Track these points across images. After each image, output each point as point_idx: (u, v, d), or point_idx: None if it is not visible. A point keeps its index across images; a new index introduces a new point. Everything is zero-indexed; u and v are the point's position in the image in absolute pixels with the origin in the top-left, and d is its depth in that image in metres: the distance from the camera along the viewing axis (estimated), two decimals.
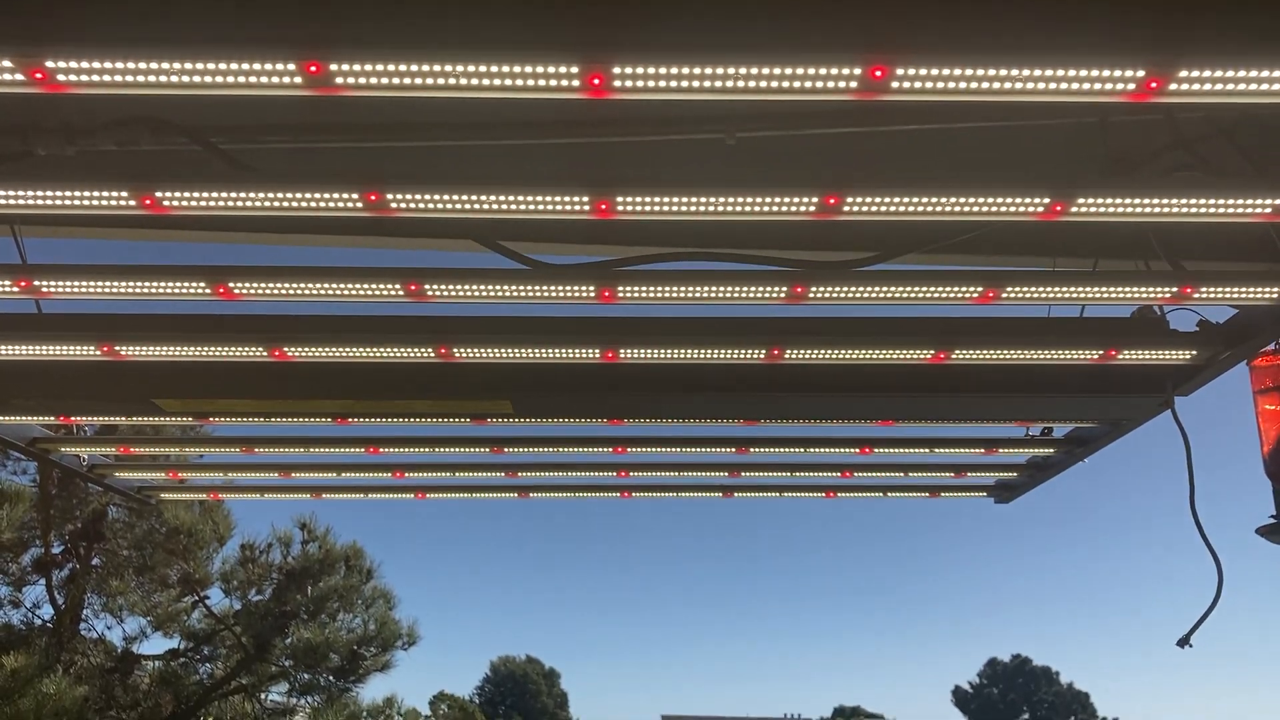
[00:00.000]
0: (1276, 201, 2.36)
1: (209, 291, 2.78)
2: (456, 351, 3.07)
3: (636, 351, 3.07)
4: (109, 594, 12.41)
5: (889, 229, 2.64)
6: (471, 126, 2.73)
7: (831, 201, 2.36)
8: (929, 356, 3.09)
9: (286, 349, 3.05)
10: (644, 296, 2.80)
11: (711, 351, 3.07)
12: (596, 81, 1.93)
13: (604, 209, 2.39)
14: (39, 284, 2.79)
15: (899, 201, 2.38)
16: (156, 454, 5.32)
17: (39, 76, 1.93)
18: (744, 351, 3.08)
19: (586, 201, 2.38)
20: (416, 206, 2.38)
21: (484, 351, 3.08)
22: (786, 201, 2.37)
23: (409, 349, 3.06)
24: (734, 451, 4.17)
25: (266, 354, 3.06)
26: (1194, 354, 3.12)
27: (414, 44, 1.88)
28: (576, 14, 1.89)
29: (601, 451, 4.19)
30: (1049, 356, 3.12)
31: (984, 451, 4.20)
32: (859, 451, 4.17)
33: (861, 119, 2.67)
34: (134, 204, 2.39)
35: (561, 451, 4.20)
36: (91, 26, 1.87)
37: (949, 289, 2.77)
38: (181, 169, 2.78)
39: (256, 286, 2.78)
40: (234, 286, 2.77)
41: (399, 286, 2.75)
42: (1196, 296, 2.80)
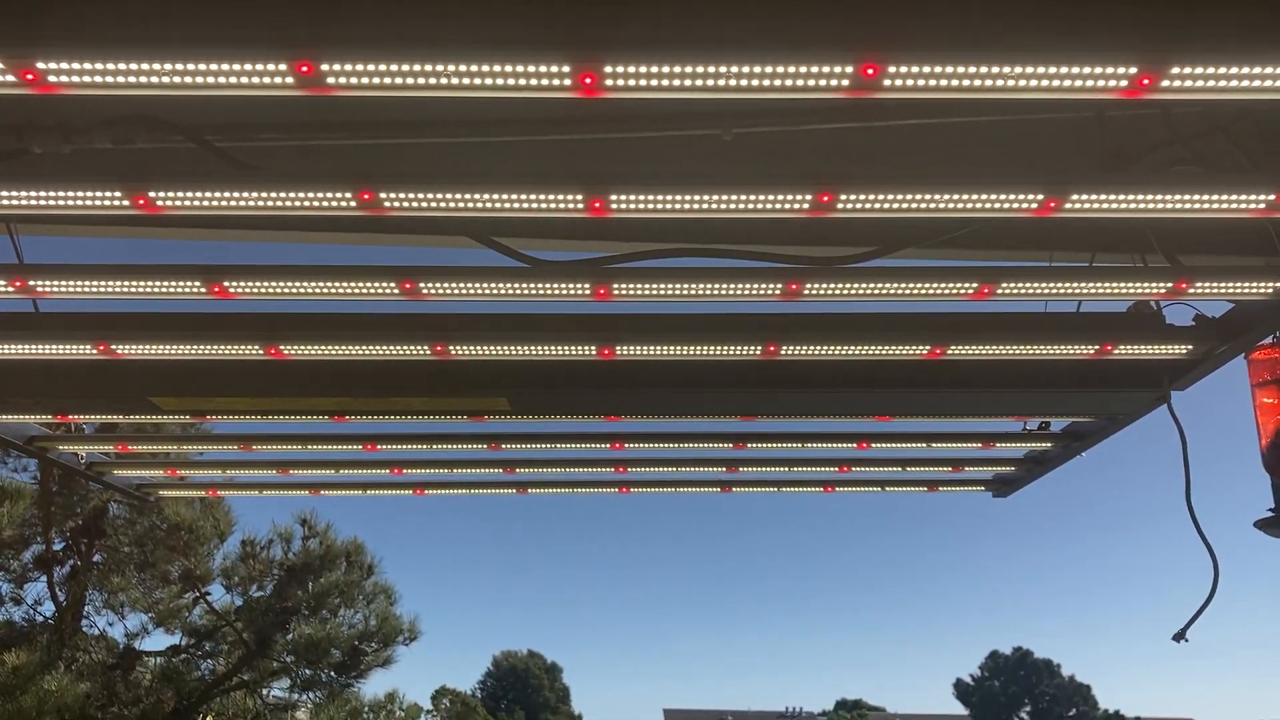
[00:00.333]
0: (1272, 196, 2.35)
1: (204, 291, 2.78)
2: (453, 349, 3.07)
3: (633, 348, 3.06)
4: (110, 590, 12.45)
5: (885, 225, 2.64)
6: (465, 124, 2.73)
7: (826, 199, 2.36)
8: (925, 352, 3.09)
9: (283, 347, 3.05)
10: (640, 293, 2.79)
11: (708, 348, 3.07)
12: (588, 80, 1.93)
13: (597, 206, 2.39)
14: (35, 284, 2.79)
15: (894, 198, 2.37)
16: (155, 451, 5.33)
17: (30, 78, 1.92)
18: (740, 348, 3.07)
19: (580, 199, 2.37)
20: (410, 205, 2.38)
21: (480, 349, 3.08)
22: (781, 198, 2.37)
23: (405, 347, 3.06)
24: (731, 447, 4.17)
25: (263, 352, 3.07)
26: (1190, 349, 3.12)
27: (405, 44, 1.88)
28: (568, 13, 1.88)
29: (599, 448, 4.19)
30: (1045, 351, 3.12)
31: (981, 446, 4.20)
32: (856, 447, 4.17)
33: (857, 115, 2.67)
34: (128, 204, 2.39)
35: (559, 448, 4.19)
36: (81, 27, 1.86)
37: (945, 285, 2.77)
38: (179, 166, 2.79)
39: (252, 285, 2.78)
40: (229, 285, 2.77)
41: (394, 285, 2.75)
42: (1192, 291, 2.80)
